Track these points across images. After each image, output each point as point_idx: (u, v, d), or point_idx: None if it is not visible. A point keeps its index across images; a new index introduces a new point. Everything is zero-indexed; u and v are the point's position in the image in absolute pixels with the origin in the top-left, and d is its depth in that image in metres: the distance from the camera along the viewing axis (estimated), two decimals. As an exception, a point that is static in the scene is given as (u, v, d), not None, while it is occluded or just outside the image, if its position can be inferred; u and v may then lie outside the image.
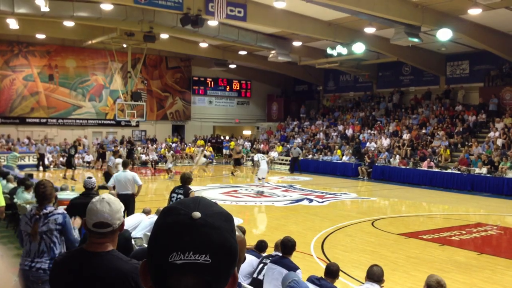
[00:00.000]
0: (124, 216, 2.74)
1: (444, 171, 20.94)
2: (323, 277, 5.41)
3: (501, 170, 19.13)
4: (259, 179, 18.62)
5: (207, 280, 1.03)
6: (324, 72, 34.10)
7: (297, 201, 16.25)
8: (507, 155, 20.03)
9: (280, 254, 5.76)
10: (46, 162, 25.62)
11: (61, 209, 4.86)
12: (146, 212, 8.76)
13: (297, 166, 26.04)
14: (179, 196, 7.62)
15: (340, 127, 30.13)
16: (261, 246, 6.79)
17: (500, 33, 21.72)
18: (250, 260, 6.06)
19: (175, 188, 7.97)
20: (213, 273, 1.03)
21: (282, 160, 28.97)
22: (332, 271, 5.45)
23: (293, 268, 5.45)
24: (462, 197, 17.87)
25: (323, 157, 26.93)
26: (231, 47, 29.21)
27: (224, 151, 33.23)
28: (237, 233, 1.61)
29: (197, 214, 1.05)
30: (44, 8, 18.64)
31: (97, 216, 2.49)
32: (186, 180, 7.89)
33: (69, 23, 23.56)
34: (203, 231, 1.04)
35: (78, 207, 6.05)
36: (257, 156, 19.52)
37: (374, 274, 4.95)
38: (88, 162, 27.57)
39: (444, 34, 19.21)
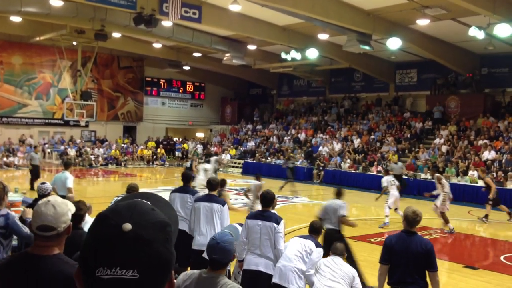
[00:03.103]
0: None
1: (392, 176, 21.53)
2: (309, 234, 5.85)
3: (446, 176, 19.87)
4: (389, 207, 13.36)
5: None
6: (278, 76, 34.43)
7: (249, 204, 16.24)
8: (451, 161, 20.85)
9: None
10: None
11: (5, 210, 4.63)
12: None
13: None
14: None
15: (293, 131, 30.47)
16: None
17: (447, 43, 22.62)
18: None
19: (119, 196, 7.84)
20: None
21: (235, 163, 28.99)
22: (316, 228, 5.93)
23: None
24: (409, 201, 18.32)
25: (276, 161, 27.13)
26: (185, 49, 28.99)
27: (176, 153, 32.92)
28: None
29: (127, 227, 1.01)
30: (-10, 1, 17.91)
31: (41, 219, 2.41)
32: (130, 189, 7.54)
33: (16, 18, 22.67)
34: (131, 245, 1.00)
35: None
36: (386, 180, 14.00)
37: (337, 249, 5.55)
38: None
39: (394, 43, 19.84)
